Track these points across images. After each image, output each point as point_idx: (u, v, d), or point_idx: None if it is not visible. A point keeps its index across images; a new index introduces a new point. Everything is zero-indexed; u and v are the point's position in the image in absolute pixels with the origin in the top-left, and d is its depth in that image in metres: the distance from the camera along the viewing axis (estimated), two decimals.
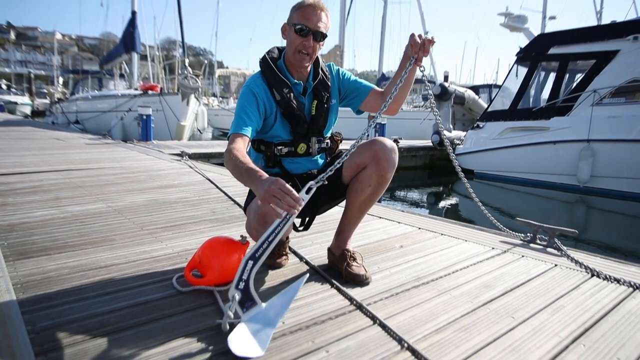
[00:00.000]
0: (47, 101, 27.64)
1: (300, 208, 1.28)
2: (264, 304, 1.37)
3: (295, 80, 1.76)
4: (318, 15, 1.65)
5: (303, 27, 1.65)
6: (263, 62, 1.78)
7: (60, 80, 28.51)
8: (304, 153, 1.81)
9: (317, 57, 1.80)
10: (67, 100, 17.08)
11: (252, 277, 1.36)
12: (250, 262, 1.36)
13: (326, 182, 1.47)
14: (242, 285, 1.35)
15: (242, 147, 1.55)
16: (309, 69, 1.79)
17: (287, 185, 1.27)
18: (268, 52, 1.81)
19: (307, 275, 1.52)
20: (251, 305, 1.35)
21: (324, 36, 1.69)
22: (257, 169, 1.40)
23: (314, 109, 1.79)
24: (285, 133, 1.78)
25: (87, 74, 18.99)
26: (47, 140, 8.58)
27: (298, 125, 1.76)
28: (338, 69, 1.90)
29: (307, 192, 1.41)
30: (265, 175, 1.35)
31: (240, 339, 1.25)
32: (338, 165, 1.49)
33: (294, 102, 1.73)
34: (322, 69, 1.82)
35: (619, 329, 1.44)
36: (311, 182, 1.43)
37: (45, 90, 35.12)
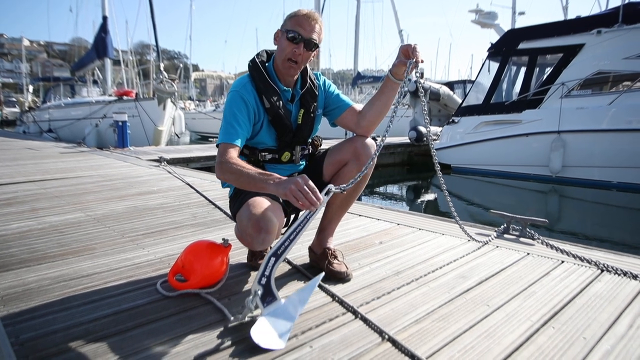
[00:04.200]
0: (16, 110, 26.88)
1: (319, 207, 1.34)
2: (283, 300, 1.43)
3: (284, 87, 1.75)
4: (312, 25, 1.65)
5: (295, 35, 1.64)
6: (253, 66, 1.74)
7: (30, 88, 27.75)
8: (287, 161, 1.82)
9: (306, 65, 1.80)
10: (38, 109, 16.65)
11: (273, 273, 1.41)
12: (273, 259, 1.41)
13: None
14: (264, 280, 1.40)
15: (236, 156, 1.56)
16: (296, 76, 1.78)
17: (312, 183, 1.33)
18: (257, 56, 1.79)
19: (323, 274, 1.57)
20: (271, 300, 1.41)
21: (315, 45, 1.68)
22: (269, 172, 1.46)
23: (300, 118, 1.79)
24: (270, 140, 1.78)
25: (58, 81, 18.56)
26: (19, 150, 8.37)
27: (284, 134, 1.76)
28: (324, 80, 1.90)
29: (326, 194, 1.46)
30: (281, 176, 1.42)
31: (262, 332, 1.31)
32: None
33: (282, 110, 1.73)
34: (310, 77, 1.82)
35: (586, 310, 1.53)
36: (330, 186, 1.49)
37: (14, 99, 34.14)
